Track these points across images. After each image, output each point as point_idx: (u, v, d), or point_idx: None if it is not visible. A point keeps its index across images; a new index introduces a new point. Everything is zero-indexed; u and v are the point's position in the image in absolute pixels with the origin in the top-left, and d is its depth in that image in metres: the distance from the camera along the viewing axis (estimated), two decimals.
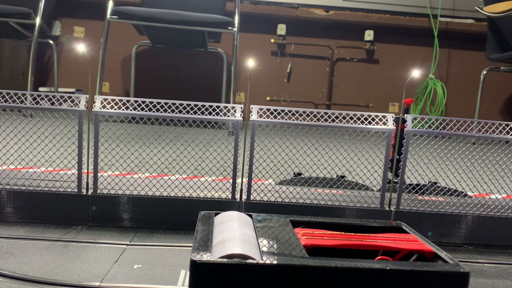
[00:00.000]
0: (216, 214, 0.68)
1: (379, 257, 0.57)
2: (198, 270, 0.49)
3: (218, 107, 0.87)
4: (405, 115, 0.91)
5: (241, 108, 0.88)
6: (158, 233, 0.85)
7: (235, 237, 0.55)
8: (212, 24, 2.24)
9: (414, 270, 0.50)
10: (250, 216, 0.67)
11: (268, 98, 3.15)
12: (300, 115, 0.91)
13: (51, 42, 2.72)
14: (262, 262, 0.49)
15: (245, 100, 3.04)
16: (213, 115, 0.87)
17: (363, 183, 0.96)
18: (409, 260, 0.56)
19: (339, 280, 0.50)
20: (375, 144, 0.96)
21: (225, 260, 0.49)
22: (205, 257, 0.50)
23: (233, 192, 0.89)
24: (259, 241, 0.57)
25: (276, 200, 0.90)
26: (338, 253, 0.54)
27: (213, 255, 0.51)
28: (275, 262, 0.50)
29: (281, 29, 3.12)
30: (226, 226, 0.60)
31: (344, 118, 0.89)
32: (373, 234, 0.63)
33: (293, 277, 0.49)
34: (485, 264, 0.80)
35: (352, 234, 0.62)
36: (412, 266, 0.51)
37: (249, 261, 0.49)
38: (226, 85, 2.72)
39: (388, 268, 0.50)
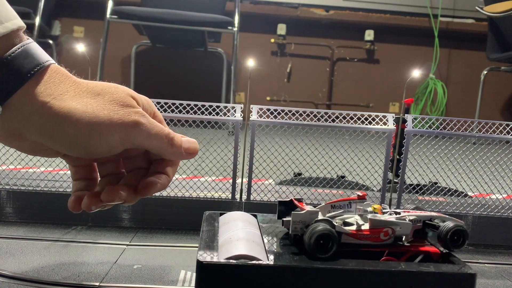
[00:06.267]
0: (221, 214, 0.67)
1: (384, 258, 0.56)
2: (205, 271, 0.48)
3: (218, 107, 0.87)
4: (406, 115, 0.91)
5: (241, 108, 0.88)
6: (158, 233, 0.85)
7: (240, 237, 0.54)
8: (212, 23, 2.24)
9: (420, 271, 0.50)
10: (255, 216, 0.67)
11: (268, 98, 3.15)
12: (300, 115, 0.91)
13: (50, 42, 2.72)
14: (268, 263, 0.49)
15: (245, 100, 3.04)
16: (213, 115, 0.87)
17: (363, 183, 0.95)
18: (415, 261, 0.56)
19: (345, 281, 0.50)
20: (375, 144, 0.95)
21: (232, 261, 0.48)
22: (212, 258, 0.50)
23: (233, 192, 0.89)
24: (265, 241, 0.56)
25: (276, 200, 0.89)
26: (343, 254, 0.54)
27: (220, 256, 0.51)
28: (281, 263, 0.50)
29: (281, 29, 3.12)
30: (232, 227, 0.59)
31: (344, 118, 0.89)
32: None
33: (298, 278, 0.49)
34: (486, 265, 0.80)
35: None
36: (418, 267, 0.51)
37: (255, 262, 0.49)
38: (226, 85, 2.71)
39: (394, 269, 0.50)
